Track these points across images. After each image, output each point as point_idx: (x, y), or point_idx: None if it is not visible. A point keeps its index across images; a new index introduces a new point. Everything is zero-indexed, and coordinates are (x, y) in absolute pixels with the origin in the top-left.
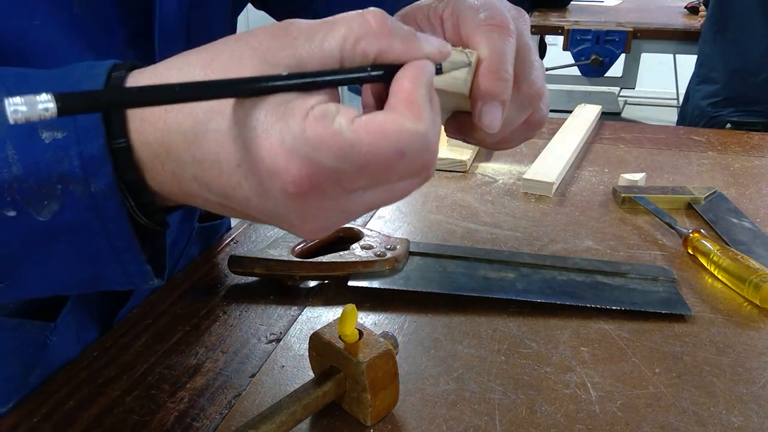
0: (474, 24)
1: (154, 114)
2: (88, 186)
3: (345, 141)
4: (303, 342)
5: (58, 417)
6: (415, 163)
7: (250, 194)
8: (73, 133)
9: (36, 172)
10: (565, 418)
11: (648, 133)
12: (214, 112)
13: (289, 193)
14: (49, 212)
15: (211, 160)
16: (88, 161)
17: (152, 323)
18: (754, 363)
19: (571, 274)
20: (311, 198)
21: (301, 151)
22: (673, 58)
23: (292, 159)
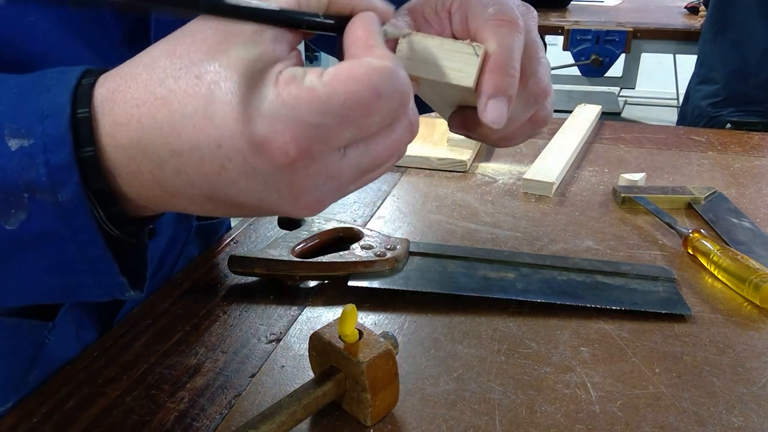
0: (482, 18)
1: (127, 113)
2: (56, 195)
3: (321, 94)
4: (303, 342)
5: (58, 417)
6: (393, 101)
7: (236, 176)
8: (41, 140)
9: (2, 179)
10: (565, 418)
11: (648, 133)
12: (189, 95)
13: (276, 164)
14: (17, 221)
15: (190, 147)
16: (55, 170)
17: (152, 323)
18: (754, 363)
19: (571, 274)
20: (299, 164)
21: (281, 114)
22: (673, 58)
23: (274, 125)
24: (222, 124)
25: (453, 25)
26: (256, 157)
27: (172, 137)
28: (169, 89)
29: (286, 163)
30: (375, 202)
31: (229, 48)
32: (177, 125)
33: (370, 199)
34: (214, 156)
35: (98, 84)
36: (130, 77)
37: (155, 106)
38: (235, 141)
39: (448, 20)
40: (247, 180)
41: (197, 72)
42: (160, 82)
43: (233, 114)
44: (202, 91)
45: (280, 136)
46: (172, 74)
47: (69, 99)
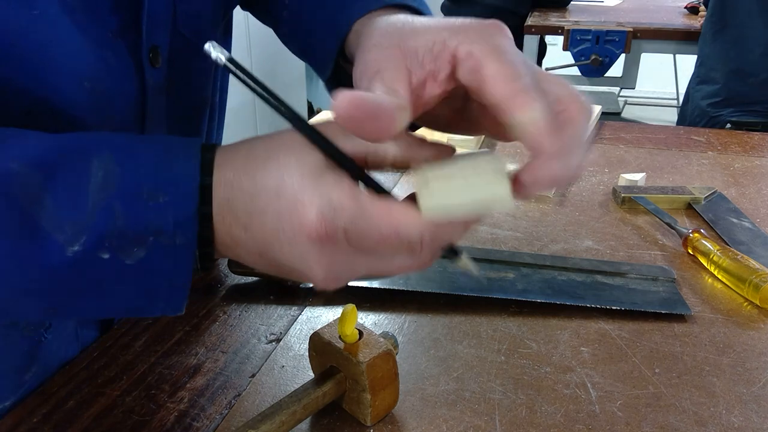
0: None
1: (227, 176)
2: (174, 239)
3: (359, 208)
4: (303, 342)
5: (58, 417)
6: (405, 244)
7: (285, 240)
8: (173, 198)
9: (136, 226)
10: (565, 418)
11: (648, 133)
12: (268, 174)
13: (311, 238)
14: (136, 257)
15: (260, 212)
16: (181, 222)
17: (152, 323)
18: (754, 363)
19: (571, 274)
20: (327, 247)
21: (326, 210)
22: (673, 58)
23: (318, 213)
24: (285, 202)
25: (460, 73)
26: (300, 231)
27: (249, 202)
28: (257, 165)
29: (317, 240)
30: None
31: (307, 150)
32: (255, 194)
33: None
34: (273, 223)
35: (218, 157)
36: (236, 151)
37: (246, 176)
38: (290, 218)
39: (450, 65)
40: (290, 246)
41: (278, 158)
42: (253, 158)
43: (295, 199)
44: (277, 173)
45: (318, 224)
46: (262, 155)
47: (198, 168)
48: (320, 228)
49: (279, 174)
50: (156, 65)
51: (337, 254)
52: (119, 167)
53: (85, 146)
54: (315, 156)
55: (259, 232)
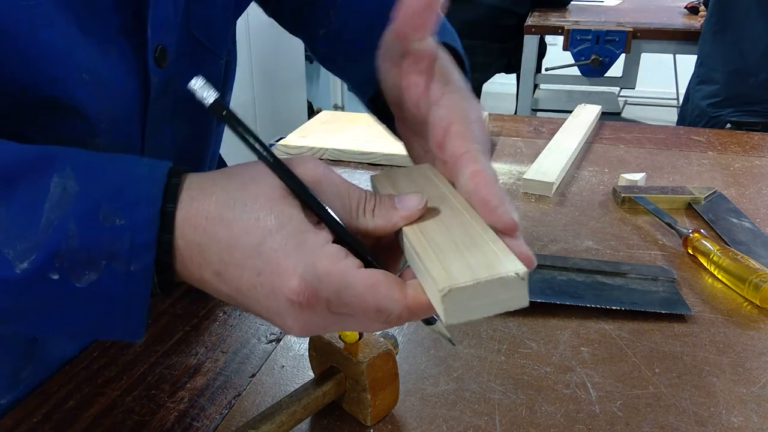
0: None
1: (198, 219)
2: (129, 265)
3: (344, 281)
4: (303, 342)
5: (58, 417)
6: (383, 317)
7: (261, 295)
8: (131, 222)
9: (89, 247)
10: (565, 418)
11: (648, 133)
12: (248, 229)
13: (291, 301)
14: (87, 281)
15: (236, 264)
16: (137, 247)
17: (152, 323)
18: (754, 363)
19: (571, 274)
20: (306, 311)
21: (309, 278)
22: (673, 58)
23: (301, 282)
24: (267, 263)
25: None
26: (280, 291)
27: (225, 253)
28: (234, 216)
29: (298, 304)
30: None
31: (287, 206)
32: (232, 247)
33: None
34: (252, 277)
35: (185, 187)
36: (208, 192)
37: (221, 225)
38: (270, 279)
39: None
40: (267, 300)
41: (258, 215)
42: (229, 207)
43: (277, 260)
44: (257, 232)
45: (301, 291)
46: (240, 205)
47: (160, 193)
48: (302, 295)
49: (260, 234)
50: (162, 65)
51: (315, 317)
52: (78, 185)
53: (48, 159)
54: (296, 215)
55: (234, 282)
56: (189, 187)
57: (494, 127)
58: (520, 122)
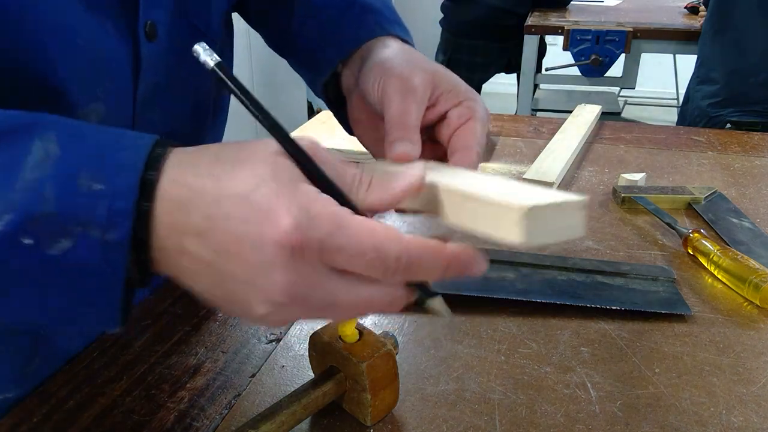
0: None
1: (185, 177)
2: (105, 234)
3: (343, 219)
4: (303, 342)
5: (58, 417)
6: (382, 263)
7: (246, 249)
8: (111, 188)
9: (65, 212)
10: (565, 418)
11: (648, 133)
12: (238, 181)
13: (280, 245)
14: (61, 248)
15: (222, 217)
16: (114, 214)
17: (152, 323)
18: (754, 363)
19: (571, 274)
20: (296, 260)
21: (304, 218)
22: (673, 58)
23: (292, 221)
24: (256, 208)
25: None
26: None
27: (212, 205)
28: (224, 170)
29: (287, 254)
30: None
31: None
32: (220, 197)
33: None
34: (237, 228)
35: (171, 156)
36: (197, 156)
37: (209, 179)
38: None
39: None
40: (254, 255)
41: (252, 166)
42: (220, 163)
43: (269, 207)
44: (250, 180)
45: (291, 228)
46: (231, 162)
47: (143, 161)
48: (294, 236)
49: (252, 181)
50: (152, 39)
51: (304, 271)
52: (60, 149)
53: (32, 124)
54: (291, 167)
55: (218, 237)
56: (176, 156)
57: (494, 127)
58: (520, 122)
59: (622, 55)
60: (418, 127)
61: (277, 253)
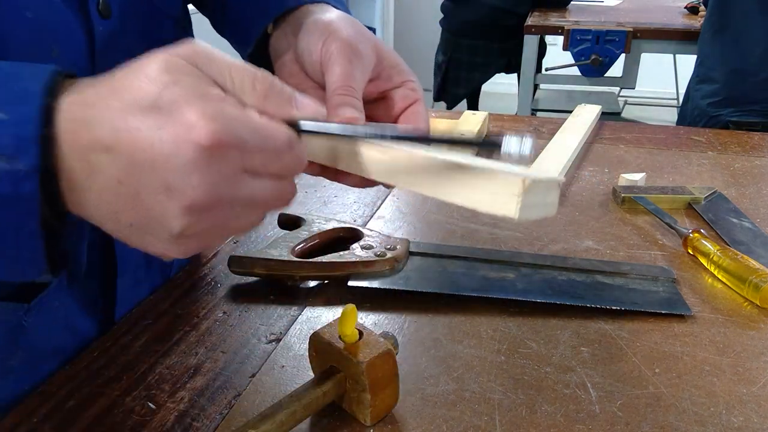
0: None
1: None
2: (15, 163)
3: (254, 122)
4: (303, 342)
5: (58, 417)
6: (294, 160)
7: (161, 155)
8: (15, 116)
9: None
10: (565, 418)
11: (648, 133)
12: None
13: (200, 147)
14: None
15: (132, 128)
16: (21, 141)
17: (152, 323)
18: (754, 363)
19: (571, 274)
20: (215, 158)
21: (219, 117)
22: (673, 58)
23: (211, 120)
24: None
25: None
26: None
27: (118, 119)
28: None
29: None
30: (375, 202)
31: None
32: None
33: (370, 199)
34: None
35: (76, 83)
36: (104, 78)
37: (113, 95)
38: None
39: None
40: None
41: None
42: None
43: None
44: (152, 88)
45: (212, 126)
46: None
47: (44, 88)
48: (213, 137)
49: (155, 89)
50: (106, 16)
51: (223, 171)
52: None
53: None
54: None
55: (129, 148)
56: (80, 82)
57: (494, 127)
58: (520, 122)
59: (622, 55)
60: (361, 94)
61: (196, 154)
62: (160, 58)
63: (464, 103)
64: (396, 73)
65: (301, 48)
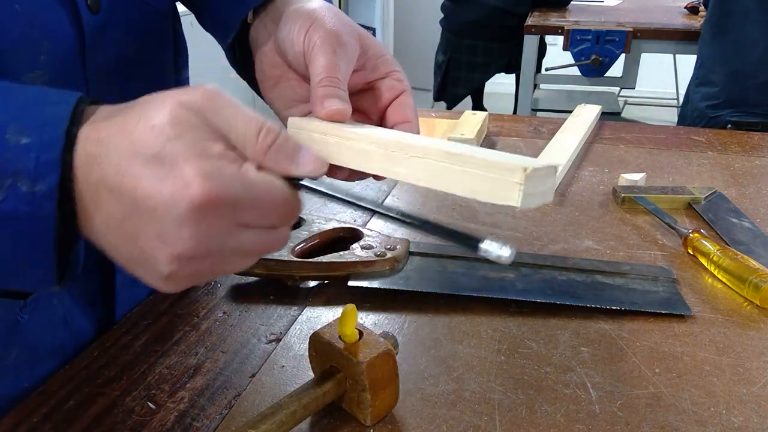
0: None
1: (101, 134)
2: (34, 185)
3: (250, 181)
4: (303, 342)
5: (58, 417)
6: (288, 212)
7: (159, 203)
8: (38, 140)
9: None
10: (565, 418)
11: (648, 133)
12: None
13: (194, 203)
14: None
15: (135, 174)
16: (42, 165)
17: (152, 323)
18: (754, 363)
19: (571, 274)
20: (208, 215)
21: (215, 176)
22: (673, 58)
23: (206, 179)
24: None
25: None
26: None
27: (124, 162)
28: (135, 127)
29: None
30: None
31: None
32: (131, 155)
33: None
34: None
35: (96, 111)
36: (118, 112)
37: (121, 135)
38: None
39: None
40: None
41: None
42: (134, 120)
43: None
44: (157, 139)
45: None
46: (144, 117)
47: (68, 116)
48: (205, 197)
49: (160, 141)
50: (95, 12)
51: (213, 227)
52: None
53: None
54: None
55: (130, 194)
56: (100, 112)
57: (494, 127)
58: (520, 122)
59: (622, 55)
60: (346, 85)
61: (189, 210)
62: (168, 107)
63: (464, 103)
64: (381, 64)
65: (282, 38)
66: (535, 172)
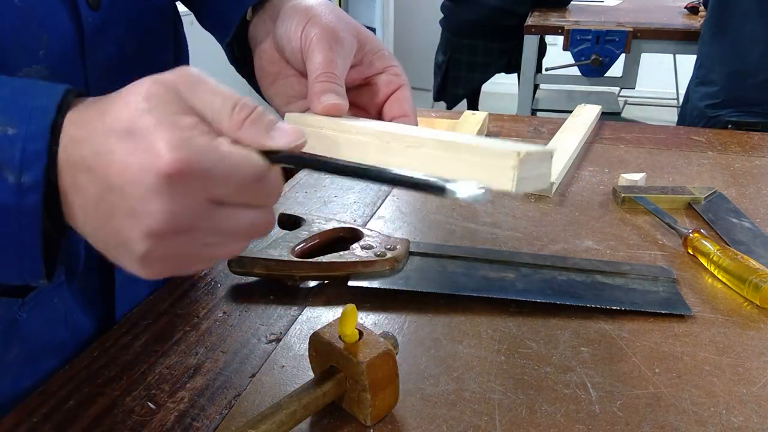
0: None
1: (84, 119)
2: (20, 176)
3: (222, 152)
4: (303, 342)
5: (58, 417)
6: (265, 190)
7: (129, 179)
8: (24, 131)
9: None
10: (565, 418)
11: (648, 133)
12: (119, 116)
13: (163, 175)
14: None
15: (108, 151)
16: (29, 155)
17: (152, 323)
18: (754, 363)
19: (571, 274)
20: (179, 188)
21: (185, 146)
22: (673, 58)
23: (176, 149)
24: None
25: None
26: (148, 172)
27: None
28: (111, 107)
29: (170, 175)
30: (375, 202)
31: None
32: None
33: (370, 199)
34: (122, 160)
35: (81, 102)
36: (102, 100)
37: (100, 118)
38: (142, 154)
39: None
40: (134, 186)
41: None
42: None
43: (150, 136)
44: (128, 115)
45: (176, 156)
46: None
47: (55, 107)
48: (174, 166)
49: (130, 116)
50: (95, 8)
51: (185, 201)
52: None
53: None
54: (172, 98)
55: (104, 171)
56: (85, 102)
57: (494, 127)
58: (520, 122)
59: (622, 55)
60: (343, 81)
61: (157, 181)
62: (145, 84)
63: (464, 103)
64: (378, 59)
65: (280, 34)
66: (528, 156)
